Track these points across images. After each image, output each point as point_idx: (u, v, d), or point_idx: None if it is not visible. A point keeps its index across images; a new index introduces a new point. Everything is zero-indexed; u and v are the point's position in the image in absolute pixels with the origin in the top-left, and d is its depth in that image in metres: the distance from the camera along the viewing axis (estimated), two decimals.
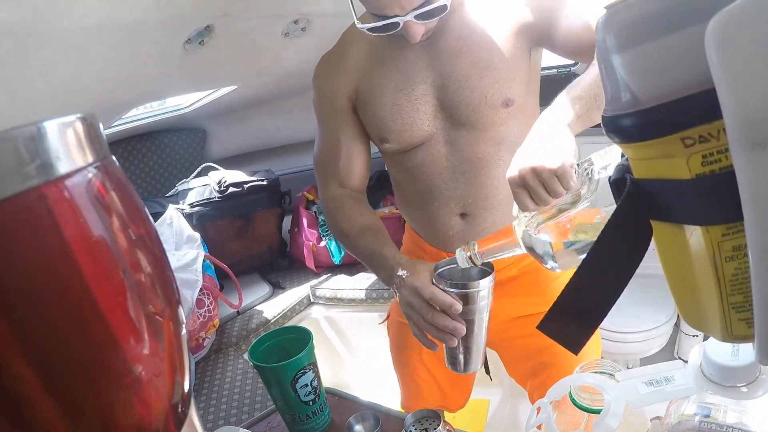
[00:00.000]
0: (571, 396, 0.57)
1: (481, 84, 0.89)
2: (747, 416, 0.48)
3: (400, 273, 0.85)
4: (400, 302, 0.86)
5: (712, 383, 0.47)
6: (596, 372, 0.59)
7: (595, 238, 0.36)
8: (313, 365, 0.88)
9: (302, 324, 1.99)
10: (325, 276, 2.16)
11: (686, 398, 0.51)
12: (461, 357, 0.84)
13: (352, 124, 1.00)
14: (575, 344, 0.40)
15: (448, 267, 0.84)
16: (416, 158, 0.98)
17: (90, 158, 0.24)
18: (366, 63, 0.96)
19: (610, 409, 0.49)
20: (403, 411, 1.30)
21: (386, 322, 1.24)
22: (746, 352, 0.46)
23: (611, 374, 0.58)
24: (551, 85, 0.93)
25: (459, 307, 0.78)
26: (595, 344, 1.07)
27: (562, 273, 1.02)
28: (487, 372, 1.08)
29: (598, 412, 0.53)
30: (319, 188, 1.07)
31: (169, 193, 2.09)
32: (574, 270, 0.38)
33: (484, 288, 0.79)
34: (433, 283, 0.81)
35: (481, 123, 0.92)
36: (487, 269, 0.81)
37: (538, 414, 0.57)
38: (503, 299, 1.04)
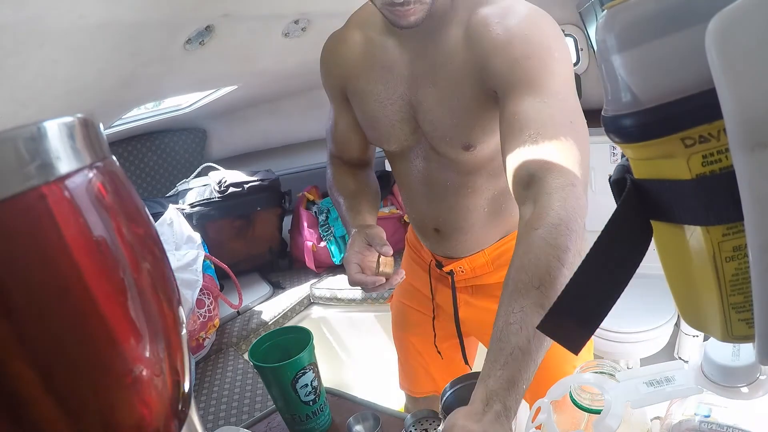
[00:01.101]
0: (571, 396, 0.57)
1: (444, 123, 0.85)
2: (747, 417, 0.48)
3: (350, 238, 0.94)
4: None
5: (712, 383, 0.47)
6: (596, 372, 0.59)
7: None
8: (314, 365, 0.88)
9: (302, 324, 1.99)
10: (325, 276, 2.16)
11: (686, 398, 0.51)
12: None
13: (346, 109, 1.01)
14: (575, 344, 0.40)
15: (462, 385, 0.69)
16: (399, 165, 1.00)
17: (90, 158, 0.24)
18: (358, 61, 0.93)
19: (610, 410, 0.49)
20: (405, 406, 1.32)
21: (390, 302, 1.29)
22: (746, 352, 0.46)
23: (611, 374, 0.58)
24: None
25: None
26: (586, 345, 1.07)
27: None
28: (466, 362, 1.12)
29: (598, 412, 0.53)
30: (328, 153, 1.14)
31: (170, 193, 2.09)
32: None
33: None
34: (441, 416, 0.72)
35: (447, 155, 0.90)
36: None
37: (537, 414, 0.57)
38: (489, 300, 1.05)
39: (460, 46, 0.80)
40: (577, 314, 0.39)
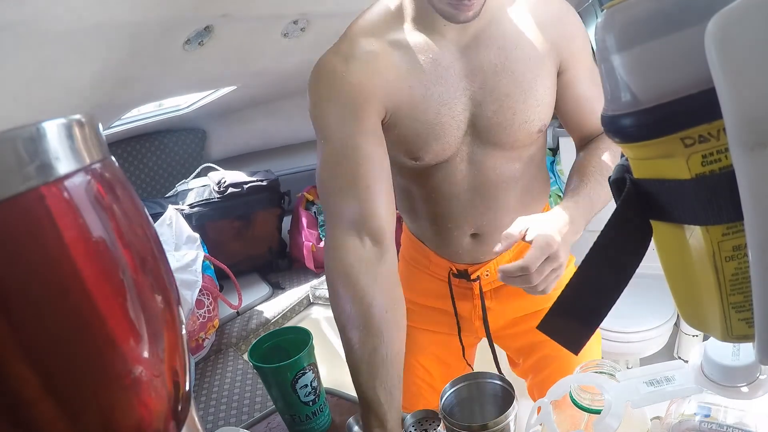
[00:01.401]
0: (571, 396, 0.57)
1: (524, 107, 0.84)
2: (747, 416, 0.48)
3: None
4: None
5: (712, 383, 0.47)
6: (596, 372, 0.59)
7: None
8: (313, 366, 0.88)
9: (302, 324, 1.98)
10: (324, 276, 2.16)
11: (686, 398, 0.51)
12: None
13: (378, 141, 0.81)
14: (575, 344, 0.40)
15: (462, 385, 0.70)
16: (435, 177, 0.90)
17: (89, 159, 0.24)
18: (405, 67, 0.81)
19: (610, 409, 0.49)
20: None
21: None
22: (746, 352, 0.46)
23: (611, 374, 0.58)
24: None
25: None
26: (596, 342, 1.07)
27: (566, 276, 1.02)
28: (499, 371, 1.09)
29: (598, 412, 0.53)
30: (327, 225, 0.83)
31: (169, 194, 2.09)
32: (574, 270, 0.38)
33: (504, 422, 0.64)
34: (441, 415, 0.69)
35: (512, 144, 0.88)
36: (506, 386, 0.69)
37: (538, 413, 0.57)
38: (505, 302, 1.05)
39: (526, 28, 0.84)
40: (577, 314, 0.39)
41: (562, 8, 0.87)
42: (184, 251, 1.66)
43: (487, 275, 1.02)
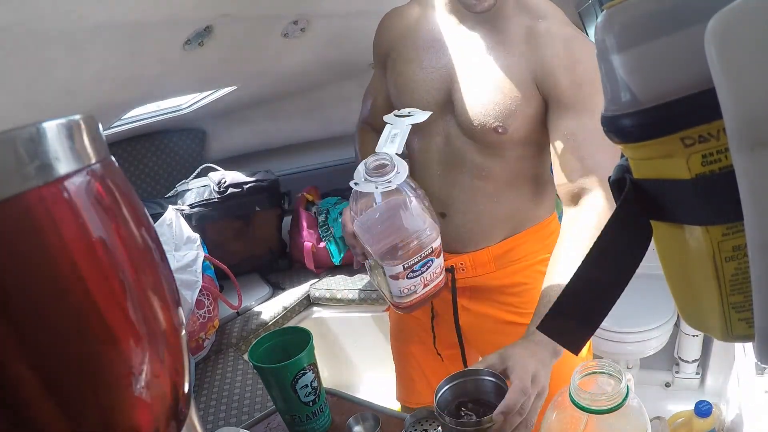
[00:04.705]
0: (571, 396, 0.57)
1: (483, 102, 0.90)
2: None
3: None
4: None
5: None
6: (596, 372, 0.58)
7: None
8: (313, 366, 0.88)
9: (302, 324, 1.98)
10: (324, 277, 2.16)
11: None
12: None
13: (385, 77, 1.05)
14: (575, 345, 0.40)
15: (457, 382, 0.72)
16: (418, 143, 1.01)
17: (89, 159, 0.24)
18: (410, 31, 0.99)
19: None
20: (398, 407, 1.31)
21: (388, 311, 1.26)
22: None
23: (611, 374, 0.57)
24: None
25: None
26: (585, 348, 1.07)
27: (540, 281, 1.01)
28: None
29: (598, 412, 0.53)
30: (359, 119, 1.18)
31: (169, 194, 2.09)
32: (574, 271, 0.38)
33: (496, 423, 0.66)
34: (436, 412, 0.71)
35: (474, 135, 0.93)
36: (499, 382, 0.71)
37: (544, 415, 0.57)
38: (488, 304, 1.04)
39: (523, 43, 0.89)
40: (577, 314, 0.39)
41: (578, 54, 0.86)
42: (184, 251, 1.66)
43: (462, 269, 1.02)
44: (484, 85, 0.90)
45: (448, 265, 1.02)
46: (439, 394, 0.71)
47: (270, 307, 1.98)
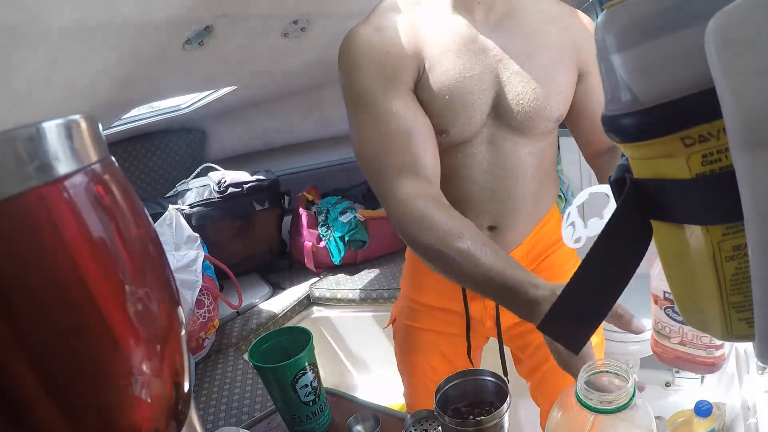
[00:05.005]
0: (577, 395, 0.55)
1: (545, 93, 0.87)
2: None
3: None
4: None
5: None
6: (602, 372, 0.58)
7: None
8: (313, 366, 0.88)
9: (302, 324, 1.99)
10: (324, 276, 2.16)
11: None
12: None
13: (415, 101, 0.83)
14: (576, 344, 0.40)
15: (457, 382, 0.71)
16: (456, 158, 0.89)
17: (89, 159, 0.24)
18: (433, 37, 0.82)
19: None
20: (404, 406, 1.30)
21: (392, 326, 1.21)
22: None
23: (617, 373, 0.57)
24: None
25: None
26: (599, 336, 1.07)
27: (570, 270, 1.02)
28: (505, 374, 1.08)
29: (605, 411, 0.52)
30: (383, 192, 0.80)
31: (169, 194, 2.09)
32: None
33: (498, 418, 0.65)
34: (436, 412, 0.68)
35: (531, 130, 0.89)
36: (500, 383, 0.70)
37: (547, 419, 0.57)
38: None
39: (550, 25, 0.89)
40: (577, 314, 0.39)
41: (587, 19, 0.92)
42: (184, 251, 1.66)
43: None
44: (535, 78, 0.86)
45: None
46: (439, 394, 0.71)
47: (270, 307, 1.98)
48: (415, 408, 1.21)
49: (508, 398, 0.67)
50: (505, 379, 0.71)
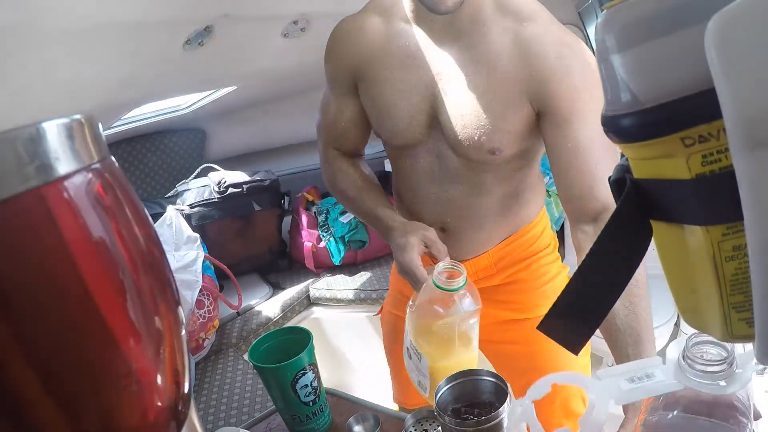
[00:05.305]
0: (434, 280, 0.77)
1: (476, 122, 0.84)
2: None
3: (396, 240, 0.87)
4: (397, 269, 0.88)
5: (691, 379, 0.47)
6: (449, 268, 0.81)
7: None
8: (313, 366, 0.88)
9: (302, 324, 1.99)
10: (324, 276, 2.16)
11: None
12: None
13: (353, 98, 0.97)
14: (575, 345, 0.40)
15: (457, 382, 0.73)
16: (406, 161, 0.96)
17: (89, 159, 0.24)
18: (377, 47, 0.90)
19: (594, 408, 0.50)
20: (396, 408, 1.31)
21: (380, 315, 1.26)
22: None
23: (454, 267, 0.80)
24: None
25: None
26: (584, 349, 1.08)
27: (546, 282, 1.04)
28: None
29: (453, 290, 0.78)
30: (320, 153, 1.07)
31: (169, 194, 2.09)
32: (570, 276, 0.38)
33: (497, 419, 0.66)
34: (435, 413, 0.71)
35: (466, 155, 0.89)
36: (499, 383, 0.71)
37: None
38: (487, 304, 1.04)
39: (509, 54, 0.82)
40: (577, 314, 0.39)
41: (571, 60, 0.80)
42: (184, 251, 1.66)
43: None
44: (471, 106, 0.84)
45: None
46: (439, 395, 0.71)
47: (270, 307, 1.98)
48: (399, 397, 1.23)
49: (507, 398, 0.68)
50: (504, 379, 0.71)
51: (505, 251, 1.01)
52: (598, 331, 0.50)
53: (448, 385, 0.72)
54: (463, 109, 0.85)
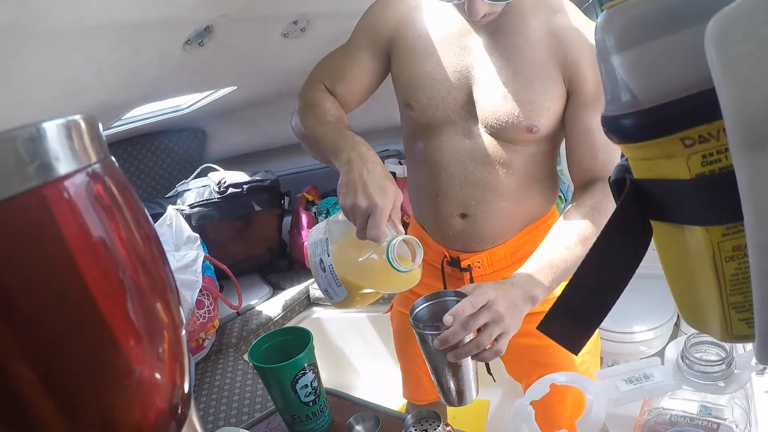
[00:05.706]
0: (387, 256, 0.70)
1: (514, 102, 0.89)
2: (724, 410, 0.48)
3: (368, 153, 0.80)
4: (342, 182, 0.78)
5: (689, 379, 0.47)
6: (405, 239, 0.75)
7: None
8: (313, 366, 0.88)
9: (302, 325, 1.98)
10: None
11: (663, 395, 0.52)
12: (453, 390, 0.80)
13: (378, 59, 0.97)
14: (575, 344, 0.40)
15: (426, 305, 0.83)
16: (432, 142, 0.97)
17: (89, 159, 0.24)
18: (423, 20, 0.93)
19: (592, 408, 0.50)
20: (405, 402, 1.31)
21: (390, 313, 1.27)
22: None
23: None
24: None
25: None
26: (594, 344, 1.08)
27: None
28: (489, 372, 1.09)
29: (402, 272, 0.72)
30: (306, 84, 1.00)
31: (169, 194, 2.09)
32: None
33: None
34: (412, 325, 0.79)
35: (500, 134, 0.92)
36: (460, 299, 0.78)
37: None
38: None
39: (546, 39, 0.88)
40: (576, 314, 0.39)
41: (587, 26, 0.88)
42: (184, 251, 1.66)
43: (479, 267, 1.03)
44: (512, 84, 0.88)
45: (465, 264, 1.03)
46: (416, 310, 0.81)
47: (270, 307, 1.98)
48: (409, 394, 1.24)
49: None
50: (465, 294, 0.78)
51: (520, 242, 1.02)
52: (599, 331, 0.51)
53: (425, 304, 0.82)
54: (503, 87, 0.89)
